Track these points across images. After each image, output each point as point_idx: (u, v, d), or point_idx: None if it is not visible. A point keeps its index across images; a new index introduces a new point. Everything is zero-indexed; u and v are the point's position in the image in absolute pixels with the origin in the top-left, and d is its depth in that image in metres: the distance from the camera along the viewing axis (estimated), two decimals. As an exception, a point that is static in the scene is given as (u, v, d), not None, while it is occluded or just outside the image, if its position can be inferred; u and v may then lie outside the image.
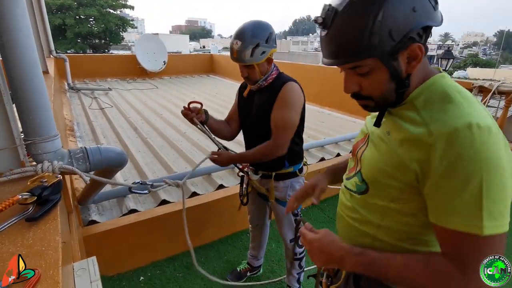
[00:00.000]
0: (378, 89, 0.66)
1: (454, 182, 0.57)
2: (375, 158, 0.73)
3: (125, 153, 1.27)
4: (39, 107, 0.92)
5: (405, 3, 0.57)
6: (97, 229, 2.01)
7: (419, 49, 0.61)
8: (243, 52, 1.36)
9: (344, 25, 0.59)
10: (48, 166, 0.93)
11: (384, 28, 0.57)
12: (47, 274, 0.58)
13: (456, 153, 0.56)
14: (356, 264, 0.69)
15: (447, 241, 0.61)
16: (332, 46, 0.63)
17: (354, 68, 0.64)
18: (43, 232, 0.70)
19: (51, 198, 0.78)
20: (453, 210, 0.58)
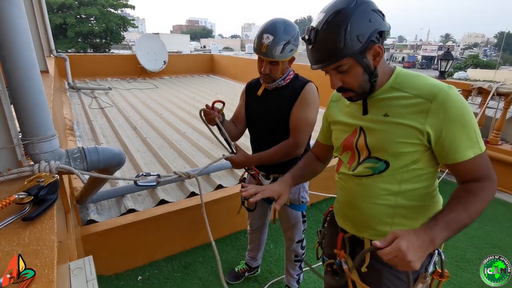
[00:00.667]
0: (356, 81, 0.87)
1: (461, 127, 0.81)
2: (386, 138, 0.89)
3: (123, 153, 1.28)
4: (37, 107, 0.92)
5: (364, 17, 0.80)
6: (95, 229, 2.01)
7: (379, 48, 0.84)
8: (274, 47, 1.34)
9: (324, 38, 0.81)
10: (45, 166, 0.93)
11: (353, 35, 0.79)
12: (42, 273, 0.58)
13: (454, 106, 0.81)
14: (442, 232, 0.75)
15: (469, 170, 0.84)
16: (318, 55, 0.85)
17: (337, 68, 0.86)
18: (39, 232, 0.71)
19: (47, 198, 0.79)
20: (463, 146, 0.82)
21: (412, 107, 0.85)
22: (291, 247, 1.78)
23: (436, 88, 0.83)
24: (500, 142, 3.53)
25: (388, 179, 0.92)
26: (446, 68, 4.08)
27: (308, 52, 0.87)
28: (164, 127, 4.19)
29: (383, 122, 0.90)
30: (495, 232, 2.70)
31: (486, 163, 0.85)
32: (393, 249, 0.72)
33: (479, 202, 0.81)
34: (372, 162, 0.93)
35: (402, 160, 0.89)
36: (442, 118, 0.82)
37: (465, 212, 0.79)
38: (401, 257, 0.71)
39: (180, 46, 24.08)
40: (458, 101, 0.82)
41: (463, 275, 2.18)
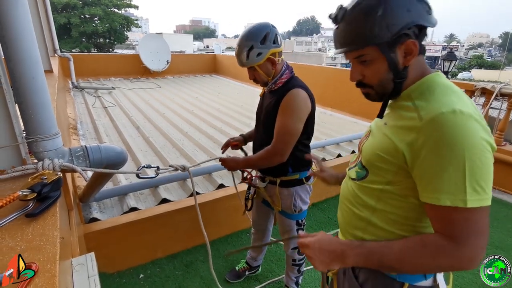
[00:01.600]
0: (377, 77, 0.75)
1: (440, 160, 0.64)
2: (371, 146, 0.83)
3: (125, 152, 1.29)
4: (40, 106, 0.94)
5: (402, 4, 0.68)
6: (98, 227, 2.03)
7: (414, 45, 0.71)
8: (240, 56, 1.41)
9: (351, 19, 0.72)
10: (48, 163, 0.95)
11: (383, 22, 0.68)
12: (45, 268, 0.60)
13: (441, 133, 0.64)
14: (357, 255, 0.72)
15: (438, 218, 0.69)
16: (341, 37, 0.75)
17: (359, 57, 0.75)
18: (42, 228, 0.72)
19: (50, 195, 0.80)
20: (440, 186, 0.65)
21: (405, 121, 0.73)
22: (288, 252, 1.79)
23: (437, 106, 0.67)
24: (504, 143, 3.52)
25: (367, 190, 0.84)
26: (449, 69, 4.07)
27: (334, 33, 0.78)
28: (166, 127, 4.21)
29: (380, 129, 0.82)
30: (497, 233, 2.69)
31: (466, 223, 0.64)
32: (302, 241, 0.77)
33: (422, 258, 0.68)
34: (359, 166, 0.88)
35: (378, 175, 0.80)
36: (422, 141, 0.67)
37: (398, 256, 0.69)
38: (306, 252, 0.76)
39: (183, 46, 24.14)
40: (454, 129, 0.63)
41: (465, 276, 2.18)
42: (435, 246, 0.67)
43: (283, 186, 1.58)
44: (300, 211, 1.63)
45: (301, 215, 1.66)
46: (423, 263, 0.68)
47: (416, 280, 0.81)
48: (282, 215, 1.65)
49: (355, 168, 0.91)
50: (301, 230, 1.70)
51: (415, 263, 0.68)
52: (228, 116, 4.78)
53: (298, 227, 1.69)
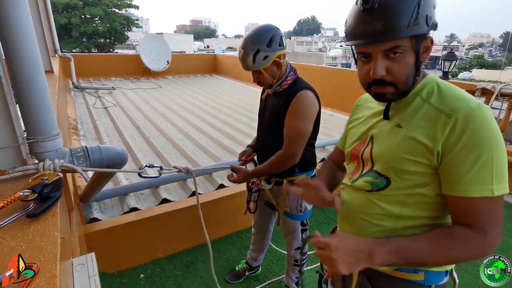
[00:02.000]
0: (404, 72, 0.72)
1: (473, 154, 0.66)
2: (390, 151, 0.78)
3: (125, 152, 1.30)
4: (41, 107, 0.94)
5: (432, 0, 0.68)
6: (98, 227, 2.04)
7: (432, 42, 0.72)
8: (245, 59, 1.39)
9: (392, 5, 0.66)
10: (49, 164, 0.95)
11: (424, 13, 0.66)
12: (45, 268, 0.60)
13: (475, 128, 0.66)
14: (387, 253, 0.68)
15: (463, 210, 0.69)
16: (378, 24, 0.67)
17: (390, 50, 0.70)
18: (43, 228, 0.73)
19: (51, 196, 0.81)
20: (470, 179, 0.67)
21: (429, 121, 0.72)
22: (290, 253, 1.79)
23: (463, 102, 0.69)
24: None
25: (388, 200, 0.80)
26: (450, 69, 4.07)
27: (358, 21, 0.70)
28: (167, 127, 4.21)
29: (393, 132, 0.78)
30: (498, 233, 2.69)
31: (491, 213, 0.68)
32: (323, 241, 0.69)
33: (452, 251, 0.68)
34: (372, 176, 0.82)
35: (405, 180, 0.76)
36: (457, 136, 0.67)
37: (430, 250, 0.69)
38: (327, 252, 0.67)
39: (184, 46, 24.16)
40: (485, 123, 0.66)
41: (464, 276, 2.18)
42: (464, 237, 0.68)
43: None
44: (305, 211, 1.64)
45: (306, 216, 1.67)
46: (456, 255, 0.69)
47: (440, 280, 0.83)
48: (287, 216, 1.66)
49: (364, 178, 0.85)
50: (305, 231, 1.71)
51: (448, 256, 0.69)
52: (229, 116, 4.78)
53: (303, 227, 1.69)
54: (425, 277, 0.81)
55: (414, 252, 0.69)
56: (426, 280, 0.81)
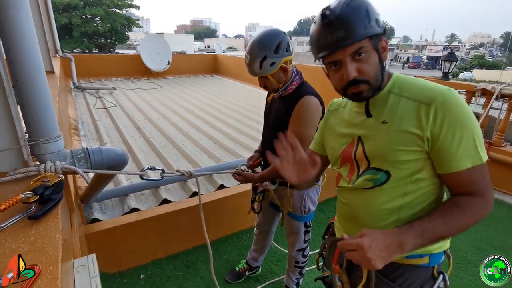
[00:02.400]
0: (373, 69, 0.81)
1: (457, 133, 0.76)
2: (385, 146, 0.85)
3: (126, 154, 1.30)
4: (43, 109, 0.95)
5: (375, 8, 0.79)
6: (99, 227, 2.04)
7: (386, 42, 0.83)
8: (252, 65, 1.38)
9: (347, 14, 0.76)
10: (50, 166, 0.96)
11: (373, 17, 0.78)
12: (47, 269, 0.61)
13: (454, 109, 0.76)
14: (414, 238, 0.74)
15: (464, 182, 0.79)
16: (339, 32, 0.77)
17: (356, 52, 0.78)
18: (45, 230, 0.73)
19: (52, 197, 0.81)
20: (461, 153, 0.76)
21: (411, 112, 0.80)
22: (292, 254, 1.80)
23: (435, 91, 0.79)
24: (504, 144, 3.52)
25: (391, 192, 0.86)
26: (450, 69, 4.06)
27: (322, 34, 0.80)
28: (167, 127, 4.22)
29: (381, 129, 0.85)
30: (498, 234, 2.69)
31: (484, 178, 0.78)
32: (354, 242, 0.72)
33: (463, 218, 0.77)
34: (372, 173, 0.88)
35: (403, 169, 0.83)
36: (440, 121, 0.76)
37: (444, 225, 0.76)
38: (361, 253, 0.71)
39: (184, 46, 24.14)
40: (458, 105, 0.77)
41: (465, 277, 2.18)
42: (470, 204, 0.77)
43: (293, 187, 1.59)
44: (309, 212, 1.64)
45: (309, 217, 1.67)
46: (466, 222, 0.77)
47: (440, 259, 0.93)
48: (291, 217, 1.66)
49: (364, 177, 0.90)
50: (308, 232, 1.72)
51: (460, 226, 0.77)
52: (229, 116, 4.79)
53: (306, 229, 1.70)
54: (429, 259, 0.91)
55: (433, 230, 0.75)
56: (430, 262, 0.90)
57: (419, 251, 0.89)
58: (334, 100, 1.10)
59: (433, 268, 0.92)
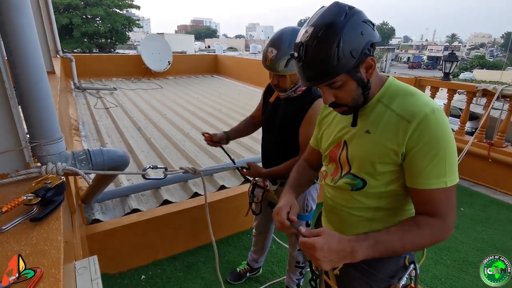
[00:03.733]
0: (350, 96, 0.83)
1: (428, 154, 0.77)
2: (362, 155, 0.88)
3: (127, 155, 1.30)
4: (44, 111, 0.95)
5: (355, 30, 0.75)
6: (100, 228, 2.05)
7: (372, 60, 0.81)
8: (277, 62, 1.31)
9: (315, 55, 0.76)
10: (52, 167, 0.96)
11: (346, 51, 0.74)
12: (49, 272, 0.61)
13: (429, 132, 0.77)
14: (366, 249, 0.75)
15: (426, 200, 0.80)
16: (309, 72, 0.80)
17: (330, 85, 0.82)
18: (46, 232, 0.73)
19: (54, 199, 0.81)
20: (427, 173, 0.78)
21: (393, 126, 0.82)
22: (293, 254, 1.80)
23: (419, 108, 0.79)
24: (505, 144, 3.51)
25: (367, 195, 0.91)
26: (451, 70, 4.06)
27: (298, 70, 0.83)
28: (168, 128, 4.22)
29: (364, 138, 0.88)
30: (499, 235, 2.69)
31: (447, 200, 0.79)
32: (309, 242, 0.75)
33: (419, 237, 0.78)
34: (350, 178, 0.93)
35: (378, 179, 0.87)
36: (416, 138, 0.78)
37: (400, 240, 0.77)
38: (312, 252, 0.74)
39: (185, 46, 24.15)
40: (438, 126, 0.77)
41: (466, 278, 2.18)
42: (428, 225, 0.78)
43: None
44: (311, 210, 1.65)
45: (310, 215, 1.68)
46: (421, 242, 0.79)
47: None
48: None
49: (344, 179, 0.95)
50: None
51: (415, 244, 0.78)
52: (229, 117, 4.79)
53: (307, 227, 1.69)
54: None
55: (386, 244, 0.76)
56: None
57: None
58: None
59: (405, 258, 0.98)
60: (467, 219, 2.91)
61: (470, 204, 3.18)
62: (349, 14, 0.75)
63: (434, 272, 2.23)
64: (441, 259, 2.36)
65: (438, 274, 2.22)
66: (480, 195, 3.39)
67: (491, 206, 3.16)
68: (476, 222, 2.87)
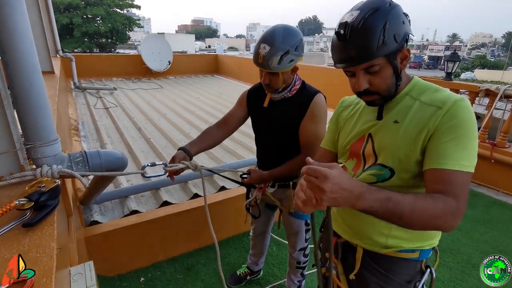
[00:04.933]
0: (385, 83, 0.84)
1: (455, 134, 0.78)
2: (393, 144, 0.88)
3: (125, 157, 1.28)
4: (39, 112, 0.92)
5: (398, 18, 0.80)
6: (99, 230, 2.02)
7: (408, 51, 0.84)
8: (270, 58, 1.26)
9: (361, 34, 0.78)
10: (47, 170, 0.93)
11: (390, 33, 0.78)
12: (40, 282, 0.58)
13: (458, 116, 0.79)
14: (375, 201, 0.69)
15: (443, 179, 0.77)
16: (351, 51, 0.80)
17: (367, 68, 0.82)
18: (39, 238, 0.71)
19: (48, 204, 0.79)
20: (453, 154, 0.77)
21: (423, 113, 0.84)
22: (293, 254, 1.77)
23: (449, 97, 0.82)
24: (508, 145, 3.48)
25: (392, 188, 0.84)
26: (453, 70, 4.03)
27: (337, 49, 0.83)
28: (168, 128, 4.20)
29: (392, 128, 0.88)
30: (502, 236, 2.66)
31: (464, 184, 0.77)
32: (322, 171, 0.65)
33: (431, 206, 0.73)
34: (377, 169, 0.91)
35: (407, 169, 0.86)
36: (444, 120, 0.80)
37: (411, 204, 0.72)
38: (319, 183, 0.65)
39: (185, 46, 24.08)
40: (466, 112, 0.79)
41: (469, 280, 2.15)
42: (442, 200, 0.74)
43: (295, 187, 1.56)
44: None
45: (309, 215, 1.64)
46: (432, 213, 0.73)
47: (428, 254, 0.99)
48: (292, 217, 1.63)
49: (369, 172, 0.93)
50: (308, 230, 1.69)
51: (425, 213, 0.72)
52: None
53: (306, 227, 1.68)
54: (420, 254, 0.97)
55: (397, 203, 0.71)
56: (420, 257, 0.97)
57: (411, 247, 0.95)
58: (346, 97, 1.13)
59: (422, 262, 0.98)
60: (469, 220, 2.88)
61: (472, 205, 3.14)
62: (393, 4, 0.80)
63: (437, 274, 2.20)
64: (444, 261, 2.33)
65: (441, 276, 2.19)
66: (483, 196, 3.36)
67: (494, 207, 3.13)
68: (479, 223, 2.84)
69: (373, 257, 0.99)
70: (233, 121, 1.64)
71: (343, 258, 1.09)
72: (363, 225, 0.99)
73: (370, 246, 0.98)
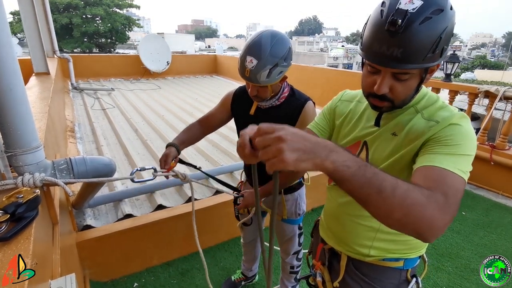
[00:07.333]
0: (406, 94, 0.76)
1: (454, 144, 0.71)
2: (388, 158, 0.83)
3: (113, 163, 1.24)
4: (19, 119, 0.89)
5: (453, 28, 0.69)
6: (91, 234, 1.98)
7: (437, 67, 0.75)
8: (258, 73, 1.16)
9: (418, 35, 0.65)
10: (29, 178, 0.90)
11: (442, 46, 0.68)
12: (9, 303, 0.55)
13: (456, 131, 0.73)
14: (351, 160, 0.54)
15: (435, 176, 0.67)
16: (397, 50, 0.67)
17: (398, 73, 0.72)
18: (14, 253, 0.67)
19: (26, 215, 0.75)
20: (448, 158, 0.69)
21: (419, 127, 0.78)
22: (286, 259, 1.74)
23: (450, 113, 0.77)
24: (507, 147, 3.45)
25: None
26: (452, 71, 3.99)
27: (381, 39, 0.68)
28: (165, 129, 4.16)
29: (389, 141, 0.83)
30: (501, 240, 2.62)
31: (456, 189, 0.65)
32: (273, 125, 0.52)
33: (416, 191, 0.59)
34: None
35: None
36: (439, 134, 0.73)
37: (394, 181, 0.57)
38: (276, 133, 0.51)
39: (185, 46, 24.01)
40: (466, 128, 0.74)
41: (468, 286, 2.12)
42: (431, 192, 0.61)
43: (287, 193, 1.54)
44: (303, 213, 1.61)
45: (301, 219, 1.64)
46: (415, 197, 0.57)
47: (414, 263, 0.96)
48: (285, 223, 1.60)
49: None
50: (301, 234, 1.67)
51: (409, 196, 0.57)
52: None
53: (299, 231, 1.65)
54: (404, 263, 0.94)
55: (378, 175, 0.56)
56: (405, 265, 0.94)
57: (395, 256, 0.92)
58: (348, 90, 1.04)
59: (407, 271, 0.95)
60: (469, 223, 2.85)
61: (472, 208, 3.11)
62: (453, 9, 0.69)
63: (435, 279, 2.17)
64: (442, 266, 2.29)
65: (439, 281, 2.15)
66: (482, 198, 3.32)
67: (493, 210, 3.10)
68: (478, 226, 2.81)
69: (357, 264, 0.98)
70: (214, 122, 1.58)
71: (330, 265, 1.08)
72: (347, 233, 0.97)
73: (354, 254, 0.97)
